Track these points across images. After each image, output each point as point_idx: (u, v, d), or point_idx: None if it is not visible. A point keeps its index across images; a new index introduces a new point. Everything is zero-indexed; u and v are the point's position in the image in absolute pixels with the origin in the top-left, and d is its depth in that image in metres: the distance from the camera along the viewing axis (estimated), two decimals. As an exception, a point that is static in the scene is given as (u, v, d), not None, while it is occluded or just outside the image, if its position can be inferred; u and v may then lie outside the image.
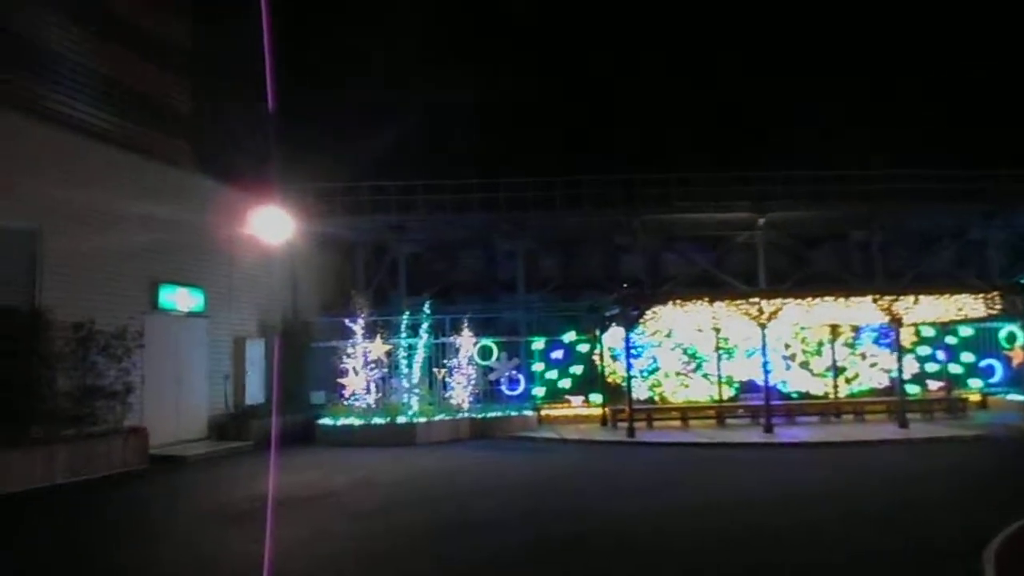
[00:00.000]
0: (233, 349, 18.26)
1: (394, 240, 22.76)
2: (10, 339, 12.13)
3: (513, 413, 18.97)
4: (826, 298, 17.40)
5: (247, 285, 18.98)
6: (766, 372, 18.18)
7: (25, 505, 10.96)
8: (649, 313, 17.70)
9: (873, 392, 20.69)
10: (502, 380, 19.65)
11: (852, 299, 17.64)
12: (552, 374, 20.74)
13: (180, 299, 16.41)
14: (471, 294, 23.44)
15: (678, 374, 21.08)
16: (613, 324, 20.12)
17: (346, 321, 18.25)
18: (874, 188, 23.75)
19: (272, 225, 19.15)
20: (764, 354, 17.93)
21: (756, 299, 17.45)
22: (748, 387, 21.07)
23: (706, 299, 17.08)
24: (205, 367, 17.25)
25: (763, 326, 17.52)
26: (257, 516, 9.41)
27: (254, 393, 18.52)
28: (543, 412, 20.30)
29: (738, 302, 17.17)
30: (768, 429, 17.39)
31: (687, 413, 19.81)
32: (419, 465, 14.12)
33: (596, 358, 20.95)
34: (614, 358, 21.04)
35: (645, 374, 20.90)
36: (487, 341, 20.06)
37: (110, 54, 15.51)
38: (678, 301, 16.99)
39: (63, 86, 14.81)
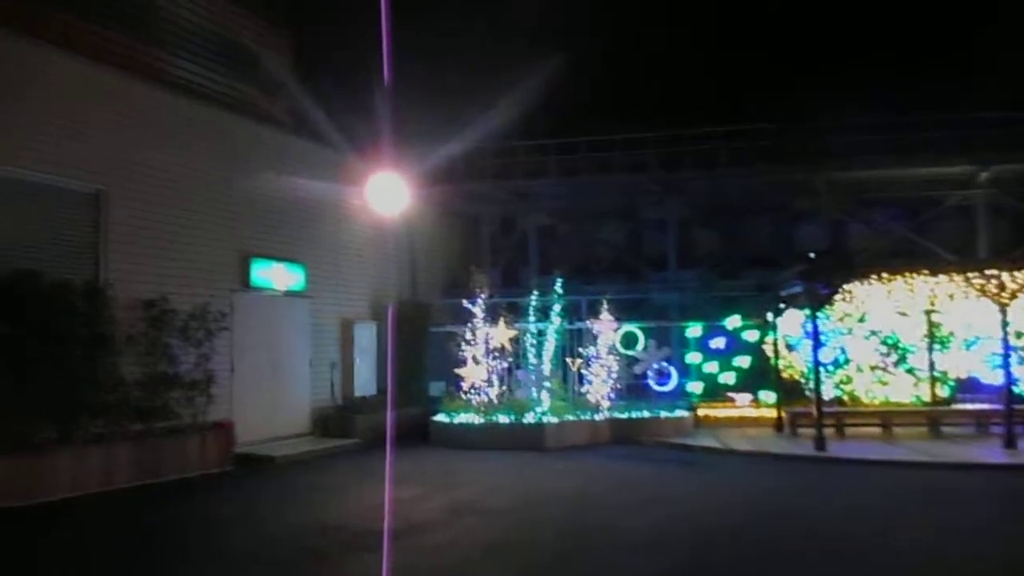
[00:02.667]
0: (340, 333, 16.13)
1: (523, 210, 19.90)
2: (67, 317, 10.32)
3: (663, 414, 15.60)
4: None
5: (357, 262, 16.80)
6: (1006, 367, 13.62)
7: (60, 516, 9.04)
8: (840, 292, 13.73)
9: None
10: (649, 373, 16.28)
11: None
12: (711, 367, 17.11)
13: (277, 276, 14.38)
14: (612, 273, 20.11)
15: (874, 368, 16.74)
16: (791, 306, 16.19)
17: (464, 302, 15.61)
18: None
19: (385, 195, 16.70)
20: (1006, 344, 13.41)
21: (995, 271, 13.00)
22: (967, 386, 16.44)
23: (925, 272, 12.89)
24: (307, 353, 15.19)
25: (1004, 306, 13.06)
26: (294, 562, 6.83)
27: (364, 383, 16.33)
28: (700, 412, 16.75)
29: (971, 274, 12.82)
30: (1010, 443, 12.98)
31: (889, 418, 15.56)
32: (545, 483, 11.14)
33: (767, 348, 17.08)
34: (790, 348, 17.07)
35: (831, 368, 16.77)
36: (631, 327, 16.77)
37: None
38: (884, 275, 12.93)
39: (132, 27, 13.02)
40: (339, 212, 16.24)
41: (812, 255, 13.02)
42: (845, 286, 13.55)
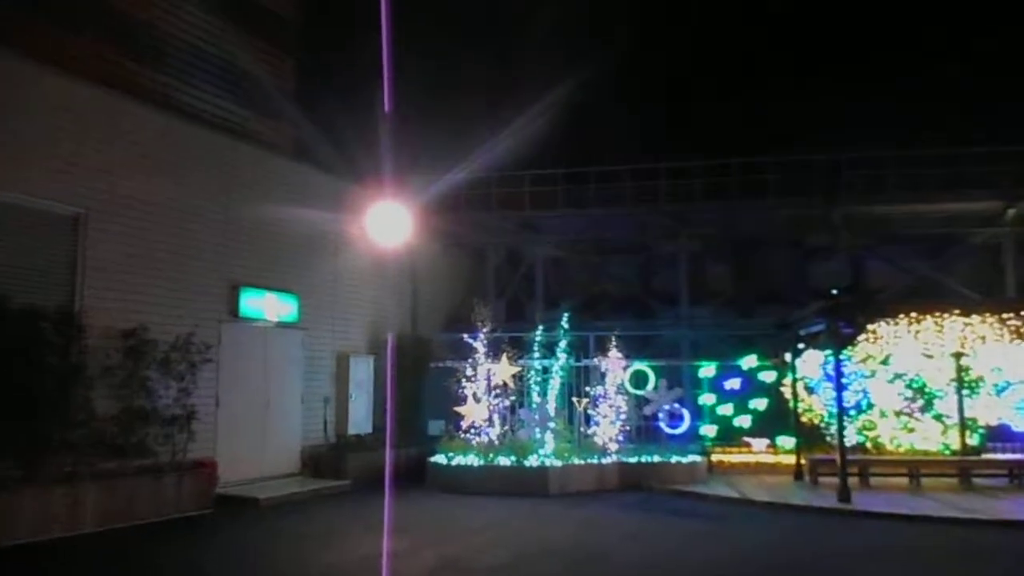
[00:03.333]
0: (335, 367, 15.38)
1: (529, 242, 19.19)
2: (36, 346, 9.63)
3: (675, 458, 14.67)
4: None
5: (354, 293, 16.11)
6: (1044, 416, 12.71)
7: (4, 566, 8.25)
8: (864, 332, 12.93)
9: None
10: (660, 414, 15.39)
11: None
12: (726, 409, 16.20)
13: (268, 306, 13.70)
14: (622, 308, 19.34)
15: (899, 414, 15.80)
16: (810, 346, 15.35)
17: (465, 336, 14.86)
18: None
19: (387, 224, 16.11)
20: (1043, 390, 12.51)
21: (1032, 311, 12.18)
22: (998, 433, 15.45)
23: (956, 312, 12.07)
24: (299, 388, 14.43)
25: (1042, 350, 12.21)
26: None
27: (359, 420, 15.52)
28: (714, 458, 15.81)
29: (1005, 315, 11.99)
30: (1049, 498, 12.01)
31: (916, 468, 14.57)
32: (546, 535, 10.26)
33: (785, 389, 16.20)
34: (810, 390, 16.17)
35: (854, 413, 15.83)
36: (641, 365, 15.92)
37: (189, 12, 13.24)
38: (913, 314, 12.11)
39: (123, 44, 12.54)
40: (338, 241, 15.61)
41: (835, 291, 12.20)
42: (870, 325, 12.72)
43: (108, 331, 10.77)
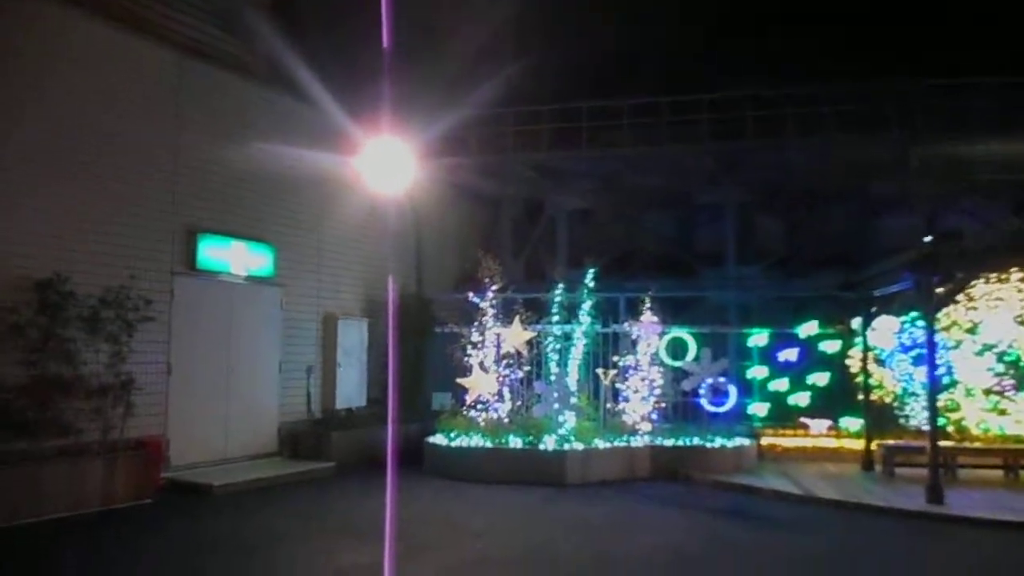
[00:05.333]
0: (321, 331, 13.24)
1: (551, 191, 16.73)
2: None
3: (719, 443, 12.33)
4: None
5: (345, 247, 13.91)
6: None
7: None
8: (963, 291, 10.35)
9: None
10: (702, 390, 12.96)
11: None
12: (779, 384, 13.75)
13: (235, 257, 11.56)
14: (658, 269, 16.82)
15: (988, 393, 13.21)
16: (883, 311, 12.81)
17: (469, 296, 12.61)
18: None
19: (385, 168, 13.88)
20: None
21: None
22: (1107, 418, 12.85)
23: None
24: (276, 354, 12.33)
25: None
26: None
27: (349, 393, 13.41)
28: (764, 441, 13.41)
29: None
30: None
31: (1015, 458, 12.01)
32: (558, 541, 8.04)
33: (851, 362, 13.70)
34: (881, 363, 13.65)
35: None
36: (680, 332, 13.53)
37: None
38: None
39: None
40: (325, 186, 13.38)
41: (928, 239, 9.65)
42: (969, 284, 10.16)
43: (17, 282, 8.72)
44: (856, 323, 13.55)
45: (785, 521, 9.14)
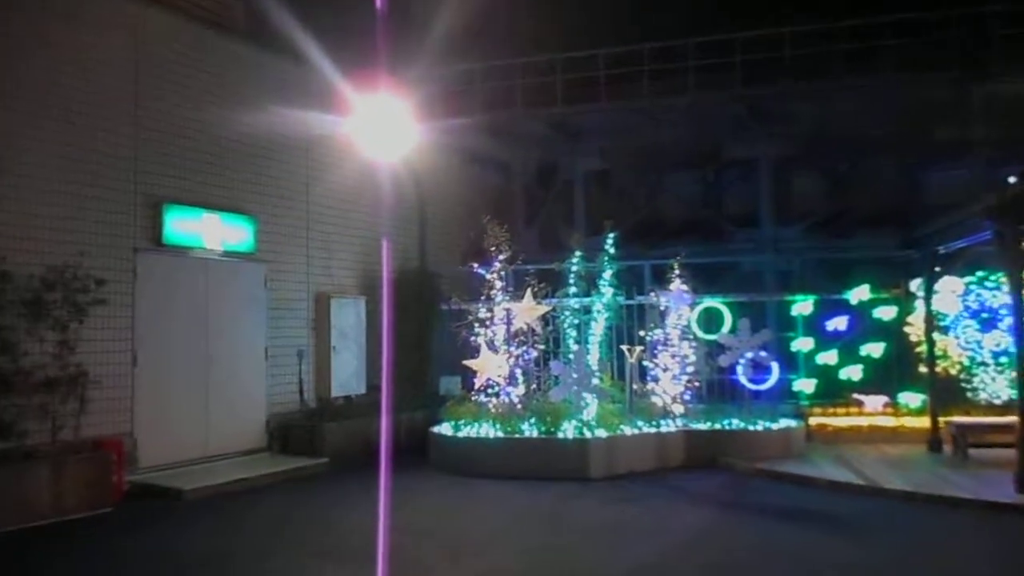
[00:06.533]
0: (313, 312, 11.95)
1: (566, 152, 15.19)
2: None
3: (762, 425, 10.89)
4: None
5: (338, 217, 12.57)
6: None
7: None
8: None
9: None
10: (740, 366, 11.47)
11: None
12: (828, 356, 12.25)
13: (209, 230, 10.25)
14: (686, 235, 15.23)
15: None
16: (947, 271, 11.21)
17: (474, 267, 11.25)
18: None
19: (382, 131, 12.46)
20: None
21: None
22: None
23: None
24: (261, 339, 11.06)
25: None
26: None
27: (347, 379, 12.14)
28: (813, 421, 11.92)
29: None
30: None
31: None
32: (581, 556, 6.70)
33: (911, 330, 12.15)
34: (944, 330, 12.08)
35: (1005, 361, 11.73)
36: (714, 302, 12.05)
37: None
38: None
39: None
40: (314, 151, 12.06)
41: (1013, 179, 8.05)
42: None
43: (-61, 261, 7.50)
44: (915, 285, 12.01)
45: (849, 519, 7.70)
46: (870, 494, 8.64)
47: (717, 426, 10.86)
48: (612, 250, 11.22)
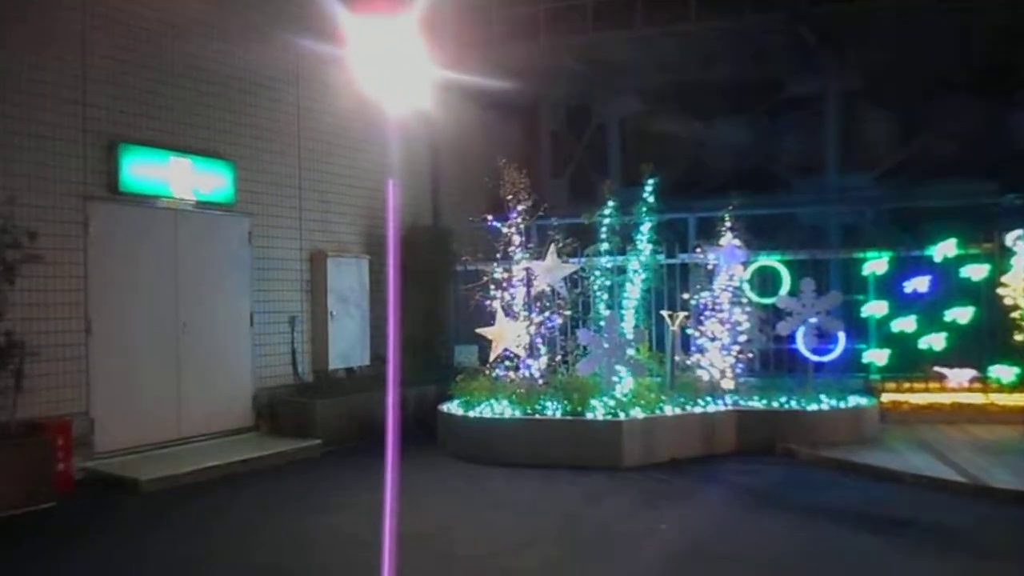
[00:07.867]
0: (308, 273, 10.51)
1: (598, 92, 13.38)
2: None
3: (828, 403, 9.21)
4: None
5: (336, 166, 11.04)
6: None
7: None
8: None
9: None
10: (800, 334, 9.73)
11: None
12: (905, 323, 10.41)
13: (176, 176, 8.81)
14: (736, 185, 13.38)
15: None
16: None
17: (490, 220, 9.66)
18: None
19: (389, 66, 10.87)
20: None
21: None
22: None
23: None
24: (245, 304, 9.66)
25: None
26: None
27: (348, 349, 10.72)
28: (886, 398, 10.17)
29: None
30: None
31: None
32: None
33: (1005, 291, 10.24)
34: (1044, 293, 10.15)
35: (1125, 326, 9.79)
36: (770, 260, 10.29)
37: None
38: None
39: None
40: (306, 85, 10.49)
41: None
42: None
43: None
44: (1012, 239, 10.09)
45: (957, 533, 6.04)
46: (974, 494, 6.95)
47: (775, 405, 9.20)
48: (651, 199, 9.55)
